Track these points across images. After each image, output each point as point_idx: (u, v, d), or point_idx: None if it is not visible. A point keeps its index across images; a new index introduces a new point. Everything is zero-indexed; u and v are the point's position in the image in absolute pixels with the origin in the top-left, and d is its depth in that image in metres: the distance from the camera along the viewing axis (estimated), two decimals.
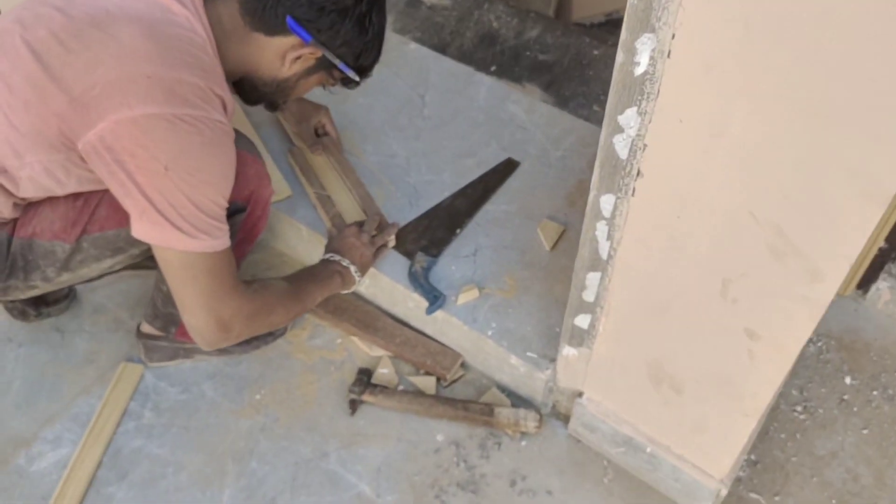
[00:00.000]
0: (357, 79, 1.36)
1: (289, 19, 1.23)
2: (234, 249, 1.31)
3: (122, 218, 1.25)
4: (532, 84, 2.31)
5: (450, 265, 1.71)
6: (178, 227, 1.17)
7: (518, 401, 1.67)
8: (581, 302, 1.35)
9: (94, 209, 1.33)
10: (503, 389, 1.69)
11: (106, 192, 1.30)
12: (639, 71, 0.97)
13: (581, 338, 1.41)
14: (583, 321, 1.38)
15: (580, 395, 1.53)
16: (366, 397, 1.63)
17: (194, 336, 1.30)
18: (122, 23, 1.17)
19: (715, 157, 0.98)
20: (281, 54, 1.30)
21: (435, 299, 1.62)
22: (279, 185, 1.83)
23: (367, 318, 1.76)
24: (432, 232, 1.77)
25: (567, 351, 1.46)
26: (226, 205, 1.24)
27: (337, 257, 1.55)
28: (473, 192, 1.86)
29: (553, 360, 1.56)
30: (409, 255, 1.72)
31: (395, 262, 1.71)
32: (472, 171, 1.92)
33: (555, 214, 1.82)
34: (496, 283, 1.68)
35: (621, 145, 1.07)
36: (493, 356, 1.63)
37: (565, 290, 1.66)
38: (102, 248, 1.37)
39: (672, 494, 1.51)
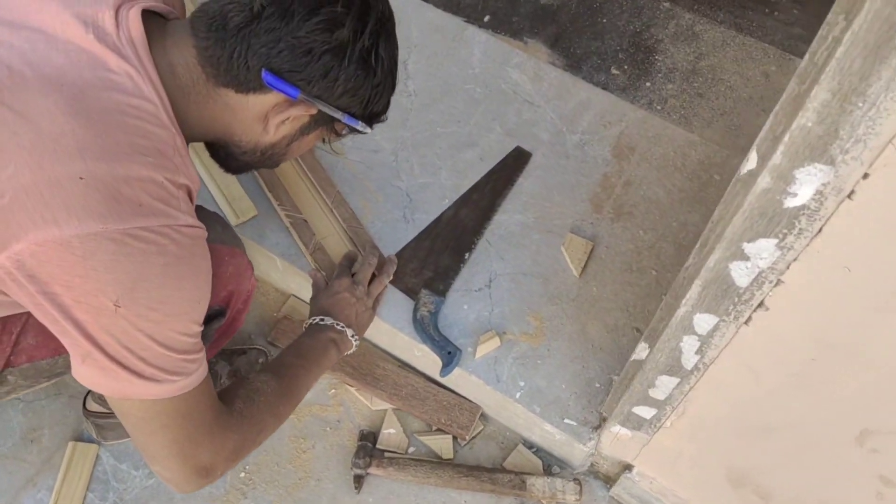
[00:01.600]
0: (368, 130, 0.99)
1: (265, 74, 0.86)
2: (207, 352, 0.99)
3: (59, 345, 0.92)
4: (535, 40, 1.92)
5: (461, 303, 1.42)
6: (137, 373, 0.84)
7: (549, 458, 1.44)
8: (646, 396, 1.08)
9: (17, 337, 0.99)
10: (531, 446, 1.45)
11: (30, 314, 0.95)
12: (792, 203, 0.66)
13: (639, 423, 1.16)
14: (645, 412, 1.12)
15: (629, 468, 1.30)
16: (373, 470, 1.38)
17: (169, 485, 1.00)
18: (34, 91, 0.77)
19: (893, 314, 0.69)
20: (261, 117, 0.92)
21: (449, 357, 1.33)
22: (242, 204, 1.48)
23: (364, 363, 1.48)
24: (436, 259, 1.45)
25: (618, 430, 1.21)
26: (200, 328, 0.90)
27: (329, 321, 1.24)
28: (480, 197, 1.54)
29: (596, 429, 1.31)
30: (411, 292, 1.42)
31: (394, 302, 1.41)
32: (475, 167, 1.58)
33: (579, 225, 1.52)
34: (519, 326, 1.40)
35: (741, 273, 0.77)
36: (521, 417, 1.37)
37: (602, 330, 1.40)
38: (35, 377, 1.05)
39: None
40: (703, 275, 0.81)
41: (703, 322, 0.87)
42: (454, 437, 1.44)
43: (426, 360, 1.42)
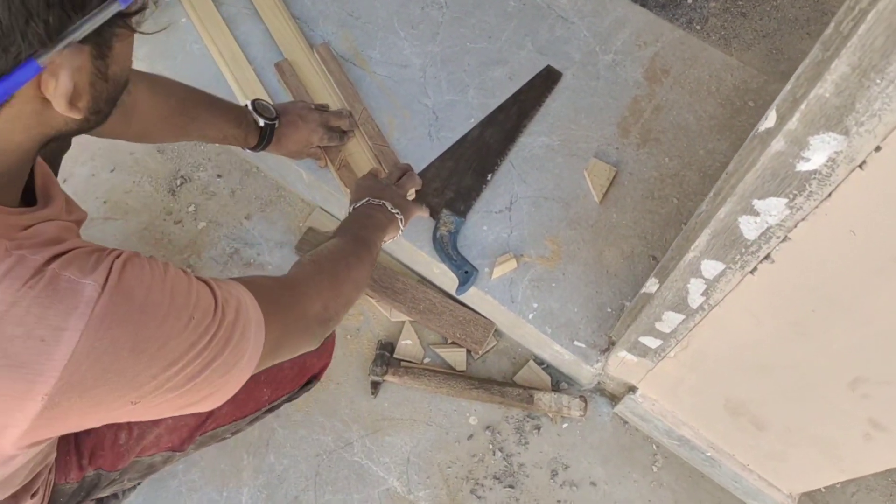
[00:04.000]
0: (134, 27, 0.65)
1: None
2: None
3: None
4: None
5: (480, 224, 1.45)
6: (203, 391, 0.73)
7: (558, 375, 1.50)
8: (653, 328, 1.12)
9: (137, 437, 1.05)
10: (541, 362, 1.51)
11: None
12: (804, 167, 0.67)
13: (644, 351, 1.21)
14: (650, 342, 1.16)
15: (633, 389, 1.36)
16: (389, 378, 1.46)
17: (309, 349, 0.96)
18: None
19: (892, 277, 0.71)
20: (37, 112, 0.64)
21: (466, 276, 1.38)
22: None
23: (385, 276, 1.53)
24: (459, 179, 1.47)
25: (624, 355, 1.26)
26: (192, 319, 0.70)
27: (376, 200, 1.23)
28: (506, 118, 1.54)
29: (604, 352, 1.36)
30: (432, 211, 1.44)
31: (415, 220, 1.44)
32: (504, 86, 1.57)
33: (604, 149, 1.51)
34: (536, 249, 1.43)
35: (750, 228, 0.78)
36: (533, 337, 1.43)
37: (618, 257, 1.43)
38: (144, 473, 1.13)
39: (730, 488, 1.40)
40: (714, 224, 0.82)
41: (711, 267, 0.89)
42: (468, 351, 1.50)
43: (444, 277, 1.46)
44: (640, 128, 1.55)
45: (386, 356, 1.47)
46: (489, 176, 1.48)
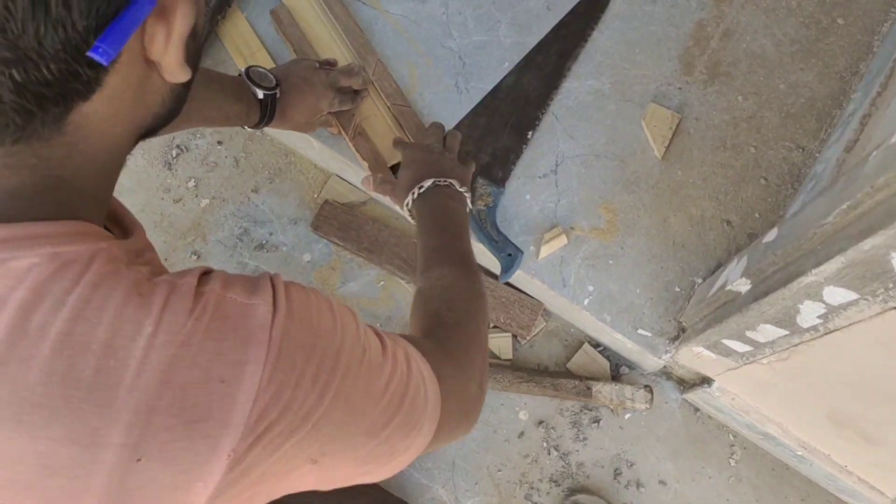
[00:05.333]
0: None
1: (96, 51, 0.40)
2: None
3: None
4: None
5: (522, 192, 1.23)
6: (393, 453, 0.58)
7: (617, 357, 1.32)
8: (742, 335, 0.92)
9: None
10: (597, 345, 1.32)
11: None
12: None
13: (727, 352, 1.01)
14: (737, 346, 0.97)
15: (709, 381, 1.17)
16: None
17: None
18: None
19: None
20: (141, 81, 0.47)
21: (510, 260, 1.18)
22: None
23: (414, 253, 1.34)
24: (494, 139, 1.25)
25: (701, 350, 1.07)
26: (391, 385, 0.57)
27: (442, 180, 1.00)
28: (545, 60, 1.29)
29: (673, 340, 1.17)
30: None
31: None
32: (541, 18, 1.31)
33: (665, 91, 1.27)
34: (589, 219, 1.22)
35: None
36: (588, 323, 1.24)
37: (685, 223, 1.21)
38: None
39: (822, 483, 1.23)
40: (852, 254, 0.61)
41: (838, 295, 0.68)
42: (514, 336, 1.32)
43: (482, 257, 1.26)
44: (707, 60, 1.29)
45: None
46: (529, 133, 1.25)
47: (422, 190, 0.99)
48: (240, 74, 1.04)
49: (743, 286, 0.91)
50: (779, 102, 1.26)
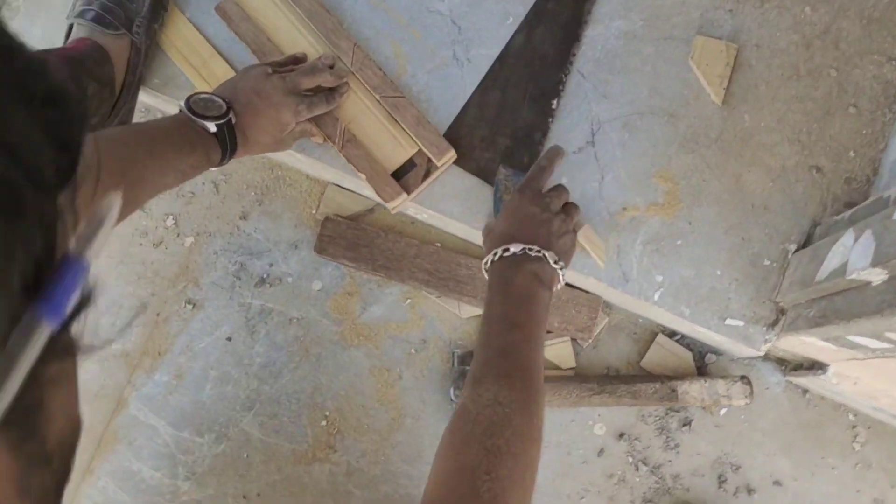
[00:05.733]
0: None
1: None
2: None
3: None
4: None
5: (556, 174, 1.01)
6: None
7: (699, 344, 1.11)
8: (879, 334, 0.71)
9: None
10: (673, 333, 1.12)
11: None
12: None
13: (853, 346, 0.80)
14: (869, 343, 0.76)
15: (822, 366, 0.96)
16: None
17: None
18: None
19: None
20: None
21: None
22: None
23: (442, 265, 1.13)
24: (512, 115, 1.02)
25: (814, 341, 0.86)
26: None
27: (533, 249, 0.80)
28: (558, 6, 1.05)
29: (772, 326, 0.96)
30: (485, 173, 1.01)
31: (464, 192, 1.02)
32: None
33: (712, 18, 1.02)
34: (643, 194, 0.99)
35: None
36: (664, 318, 1.03)
37: (763, 178, 0.98)
38: None
39: None
40: None
41: None
42: (572, 339, 1.12)
43: None
44: None
45: (468, 370, 1.10)
46: (554, 102, 1.02)
47: (507, 254, 0.80)
48: (181, 110, 0.82)
49: (875, 276, 0.69)
50: (857, 7, 1.01)
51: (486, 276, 0.83)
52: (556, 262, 0.81)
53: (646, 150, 1.00)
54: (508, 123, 1.01)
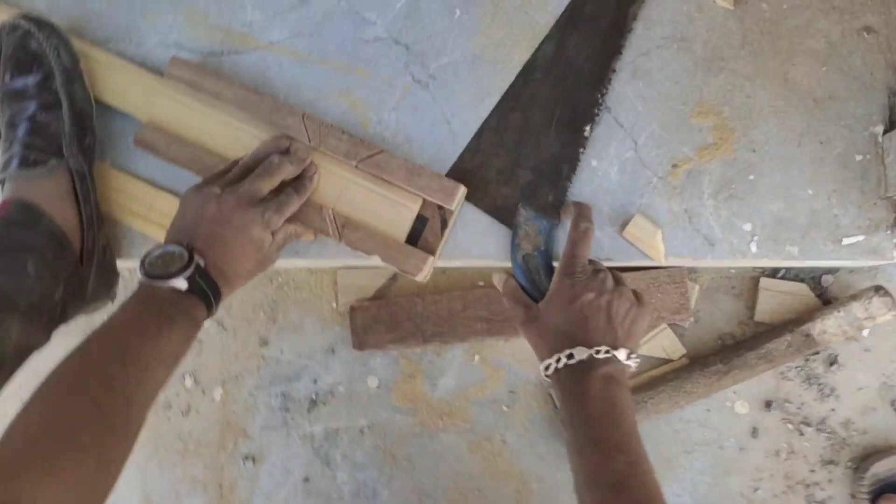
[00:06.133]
0: None
1: None
2: None
3: None
4: None
5: (583, 161, 0.85)
6: None
7: (808, 269, 0.96)
8: None
9: None
10: (776, 271, 0.97)
11: None
12: None
13: None
14: None
15: None
16: None
17: None
18: None
19: None
20: None
21: None
22: None
23: (495, 303, 0.98)
24: (535, 144, 0.86)
25: None
26: None
27: (602, 351, 0.68)
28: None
29: (894, 225, 0.80)
30: (502, 212, 0.85)
31: (479, 233, 0.86)
32: None
33: None
34: (688, 141, 0.84)
35: None
36: (768, 265, 0.88)
37: (813, 64, 0.83)
38: None
39: None
40: None
41: None
42: (669, 325, 0.97)
43: None
44: None
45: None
46: (586, 127, 0.85)
47: (571, 361, 0.67)
48: (139, 283, 0.68)
49: None
50: None
51: (545, 378, 0.70)
52: (628, 357, 0.68)
53: (668, 91, 0.84)
54: (531, 154, 0.85)
